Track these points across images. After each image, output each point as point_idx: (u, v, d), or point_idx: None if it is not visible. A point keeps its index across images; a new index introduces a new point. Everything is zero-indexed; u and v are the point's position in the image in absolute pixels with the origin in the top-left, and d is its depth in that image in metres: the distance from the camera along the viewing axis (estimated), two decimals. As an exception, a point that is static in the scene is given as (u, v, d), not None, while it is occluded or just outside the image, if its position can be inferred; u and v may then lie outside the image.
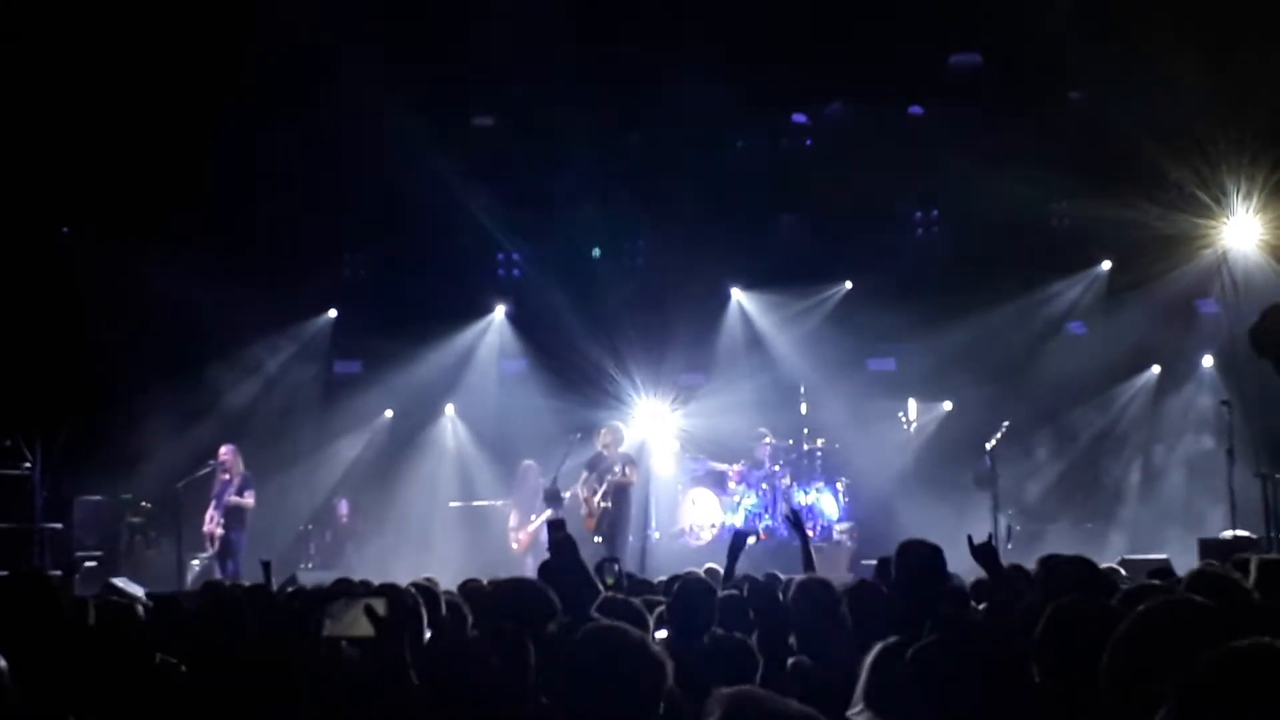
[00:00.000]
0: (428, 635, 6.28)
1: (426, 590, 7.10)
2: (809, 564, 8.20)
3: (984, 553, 6.66)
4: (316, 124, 18.42)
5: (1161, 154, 16.88)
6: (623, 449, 17.02)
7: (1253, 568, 6.13)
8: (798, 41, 17.70)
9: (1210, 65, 15.96)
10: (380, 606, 5.20)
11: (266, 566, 8.72)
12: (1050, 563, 6.06)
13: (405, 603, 5.85)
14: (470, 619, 6.53)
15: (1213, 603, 3.30)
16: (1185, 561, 11.19)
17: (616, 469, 16.57)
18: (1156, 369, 19.74)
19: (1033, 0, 15.86)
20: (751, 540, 9.01)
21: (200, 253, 18.08)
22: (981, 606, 6.49)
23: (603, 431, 17.01)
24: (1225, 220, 17.41)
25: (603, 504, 16.46)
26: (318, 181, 19.11)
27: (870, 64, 18.15)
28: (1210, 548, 12.64)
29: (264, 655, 5.34)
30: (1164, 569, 9.43)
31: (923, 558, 6.51)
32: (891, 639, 4.63)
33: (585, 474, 16.80)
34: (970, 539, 6.76)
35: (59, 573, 13.90)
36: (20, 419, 14.97)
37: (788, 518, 7.46)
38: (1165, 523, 17.40)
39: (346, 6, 16.46)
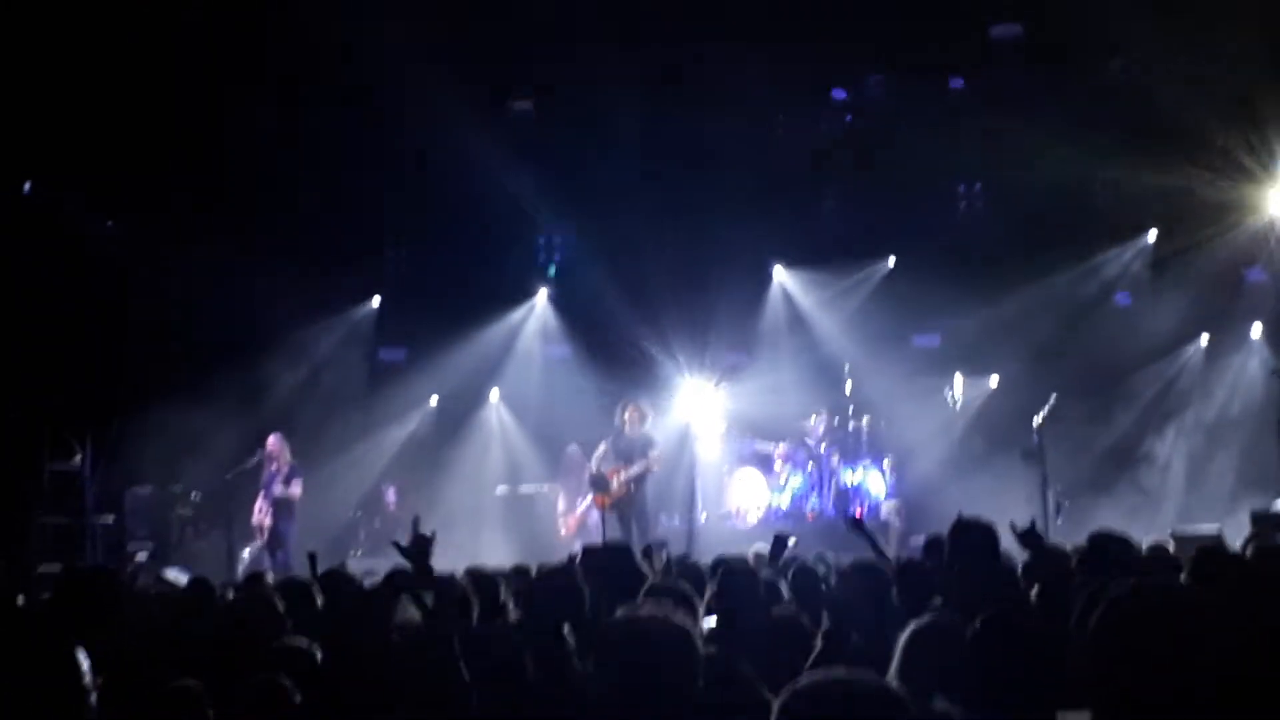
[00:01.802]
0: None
1: (478, 577, 7.10)
2: (879, 556, 8.13)
3: (1028, 538, 6.63)
4: (357, 111, 18.46)
5: (1208, 120, 16.67)
6: (647, 428, 16.78)
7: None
8: (836, 17, 17.58)
9: (1256, 28, 15.77)
10: (428, 598, 5.22)
11: (313, 559, 8.74)
12: (1096, 541, 6.00)
13: (454, 593, 5.87)
14: (513, 607, 6.55)
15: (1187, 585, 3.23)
16: (1238, 533, 11.09)
17: (652, 454, 16.36)
18: (1205, 338, 19.54)
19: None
20: (793, 541, 8.96)
21: (243, 242, 18.16)
22: (1034, 590, 6.42)
23: (629, 409, 16.79)
24: (1274, 186, 17.22)
25: (624, 489, 16.28)
26: (359, 169, 19.18)
27: (910, 37, 18.01)
28: (1262, 519, 12.53)
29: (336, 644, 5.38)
30: (1214, 541, 9.35)
31: (977, 538, 6.47)
32: (925, 618, 4.58)
33: (603, 448, 16.64)
34: (1013, 525, 6.71)
35: (109, 566, 14.00)
36: (70, 414, 15.08)
37: (848, 521, 7.43)
38: (1217, 493, 17.26)
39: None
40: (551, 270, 21.52)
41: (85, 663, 3.94)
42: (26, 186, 17.48)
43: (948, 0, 17.41)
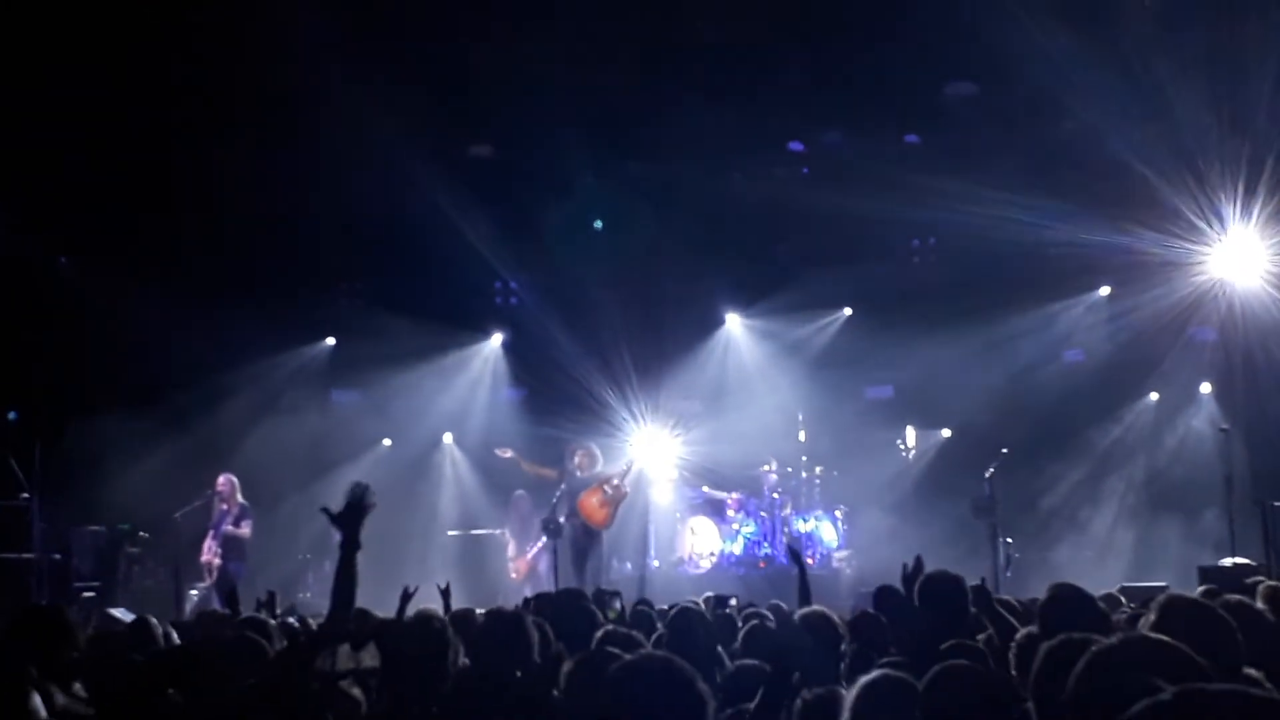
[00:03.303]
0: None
1: (429, 623, 7.07)
2: (805, 596, 8.18)
3: (976, 594, 6.75)
4: (314, 152, 18.44)
5: (1157, 180, 16.92)
6: (597, 470, 16.86)
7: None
8: (794, 71, 17.74)
9: (1205, 90, 16.04)
10: (370, 655, 5.21)
11: (271, 597, 8.71)
12: (1056, 593, 6.07)
13: (405, 639, 5.86)
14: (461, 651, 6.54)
15: (1169, 640, 3.28)
16: (1185, 589, 11.18)
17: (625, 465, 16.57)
18: (1155, 396, 19.76)
19: (1026, 29, 15.90)
20: (734, 602, 9.03)
21: (197, 282, 18.13)
22: (980, 638, 6.50)
23: (578, 453, 16.87)
24: (1222, 246, 17.46)
25: (619, 493, 16.43)
26: (315, 211, 19.14)
27: (866, 93, 18.20)
28: (1210, 575, 12.62)
29: (270, 693, 5.32)
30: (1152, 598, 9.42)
31: (948, 589, 6.56)
32: (875, 673, 4.61)
33: (557, 494, 16.68)
34: (962, 581, 6.82)
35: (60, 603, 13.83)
36: (17, 451, 14.93)
37: (789, 550, 7.49)
38: (1166, 549, 17.40)
39: (345, 36, 16.48)
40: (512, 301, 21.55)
41: (37, 701, 3.92)
42: None
43: (904, 57, 17.59)
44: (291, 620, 9.10)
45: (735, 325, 20.78)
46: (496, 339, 21.35)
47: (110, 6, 15.67)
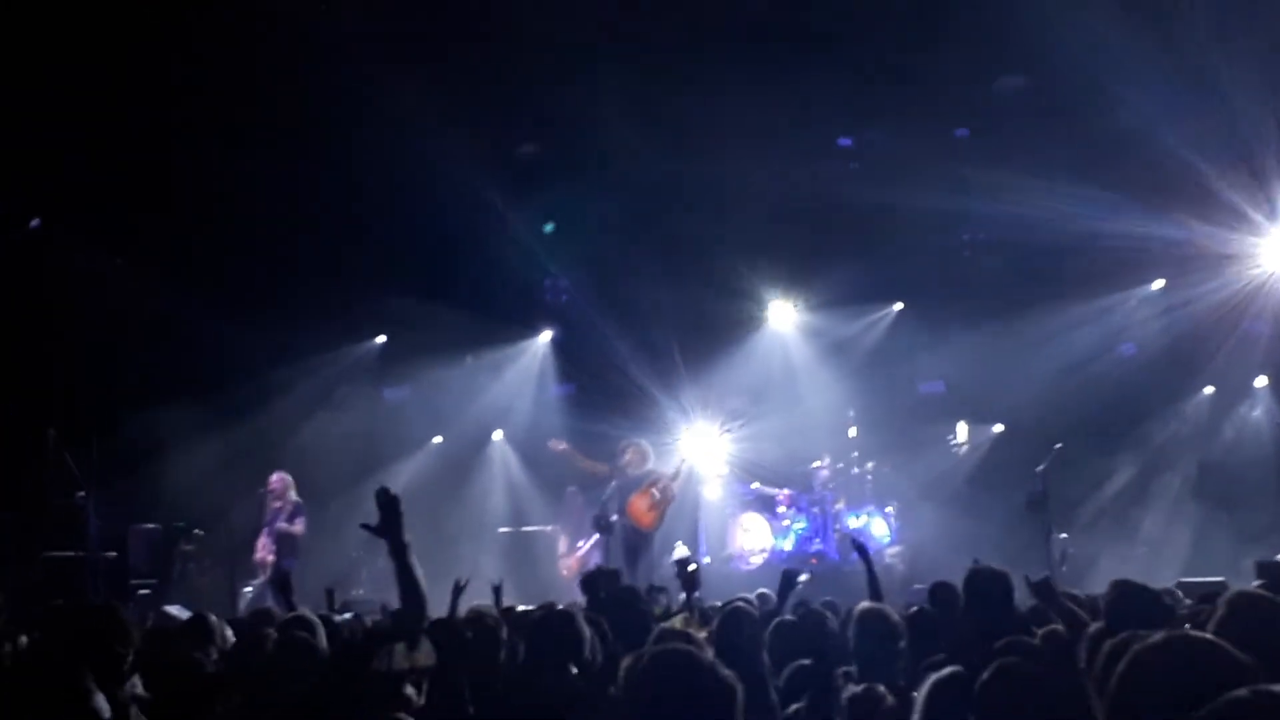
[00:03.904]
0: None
1: (481, 620, 7.11)
2: (874, 591, 8.17)
3: (1041, 590, 6.69)
4: (364, 154, 18.52)
5: (1211, 172, 16.77)
6: (649, 468, 16.82)
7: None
8: (842, 66, 17.67)
9: (1260, 81, 15.87)
10: (426, 654, 5.22)
11: (330, 594, 8.79)
12: (1120, 589, 6.00)
13: (460, 637, 5.88)
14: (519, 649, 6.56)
15: (1217, 641, 3.21)
16: (1243, 583, 11.07)
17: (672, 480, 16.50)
18: (1210, 389, 19.57)
19: (1076, 20, 15.79)
20: (803, 578, 9.02)
21: (250, 282, 18.26)
22: (1040, 633, 6.46)
23: (629, 449, 16.85)
24: (1276, 239, 17.30)
25: (668, 496, 16.41)
26: (365, 210, 19.25)
27: (915, 87, 18.10)
28: (1267, 570, 12.50)
29: (335, 688, 5.34)
30: (1218, 592, 9.33)
31: (993, 586, 6.53)
32: (945, 671, 4.60)
33: (609, 490, 16.70)
34: (1027, 579, 6.78)
35: (114, 601, 13.96)
36: (75, 450, 15.07)
37: (854, 543, 7.48)
38: (1223, 544, 17.23)
39: (392, 35, 16.55)
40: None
41: (101, 701, 3.95)
42: (34, 223, 17.59)
43: (953, 51, 17.49)
44: (347, 617, 9.15)
45: (786, 321, 20.71)
46: (546, 335, 21.39)
47: (155, 13, 15.82)
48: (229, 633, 8.48)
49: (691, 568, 8.70)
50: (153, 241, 18.12)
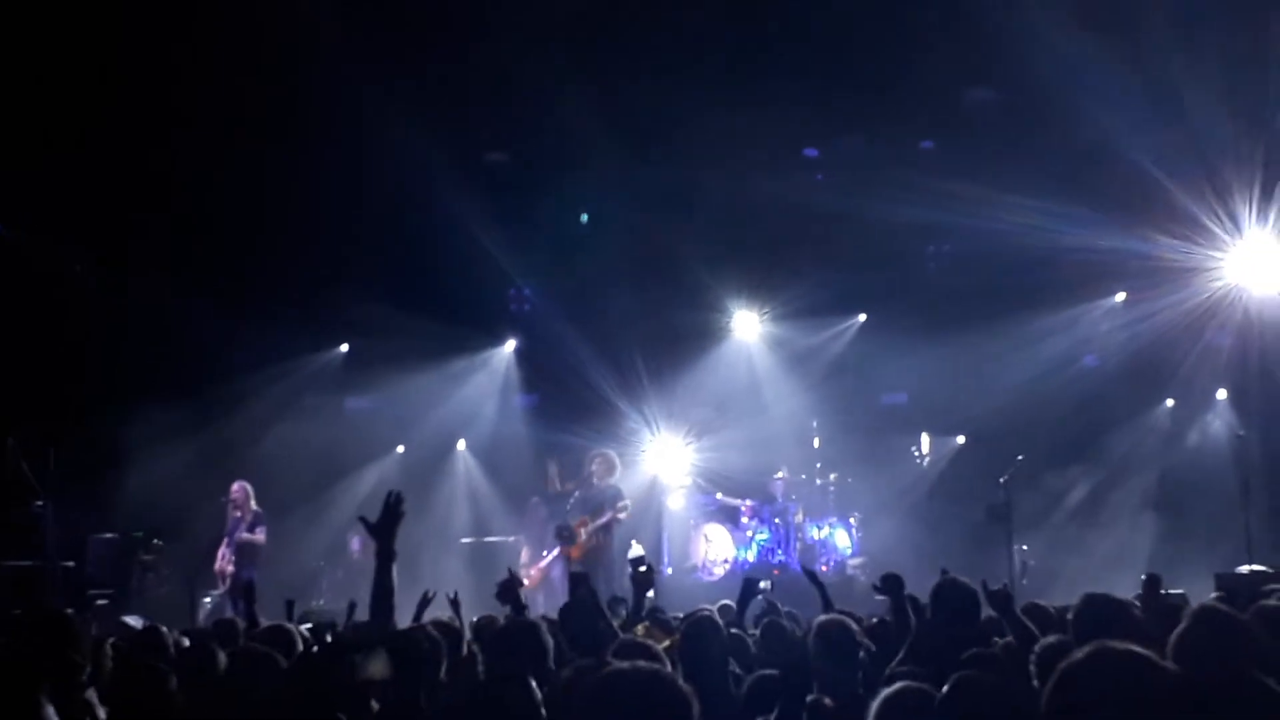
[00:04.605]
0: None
1: (446, 630, 7.07)
2: (828, 606, 8.16)
3: (997, 599, 6.70)
4: (329, 159, 18.45)
5: (1173, 185, 16.88)
6: (615, 479, 16.77)
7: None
8: (810, 76, 17.71)
9: (1221, 96, 15.98)
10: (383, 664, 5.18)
11: (290, 605, 8.74)
12: (1089, 601, 5.98)
13: (420, 647, 5.83)
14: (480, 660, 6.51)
15: (1142, 652, 3.20)
16: (1202, 595, 11.11)
17: (620, 505, 16.34)
18: (1171, 401, 19.68)
19: (1042, 35, 15.87)
20: (765, 585, 9.02)
21: (211, 287, 18.12)
22: (1000, 643, 6.46)
23: (596, 459, 16.79)
24: (1237, 251, 17.41)
25: (592, 539, 16.26)
26: (329, 217, 19.15)
27: (882, 98, 18.16)
28: (1226, 582, 12.55)
29: (299, 702, 5.29)
30: (1179, 604, 9.34)
31: (962, 598, 6.53)
32: (896, 686, 4.58)
33: (571, 501, 16.64)
34: (984, 585, 6.78)
35: (70, 611, 13.81)
36: (30, 458, 14.91)
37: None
38: (1182, 556, 17.30)
39: (361, 42, 16.49)
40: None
41: (50, 711, 3.89)
42: None
43: (919, 64, 17.55)
44: (305, 629, 9.08)
45: (750, 331, 20.72)
46: (509, 345, 21.34)
47: (125, 14, 15.72)
48: (184, 643, 8.42)
49: (643, 568, 8.62)
50: (113, 246, 17.99)
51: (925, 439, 20.21)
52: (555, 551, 17.19)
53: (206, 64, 16.62)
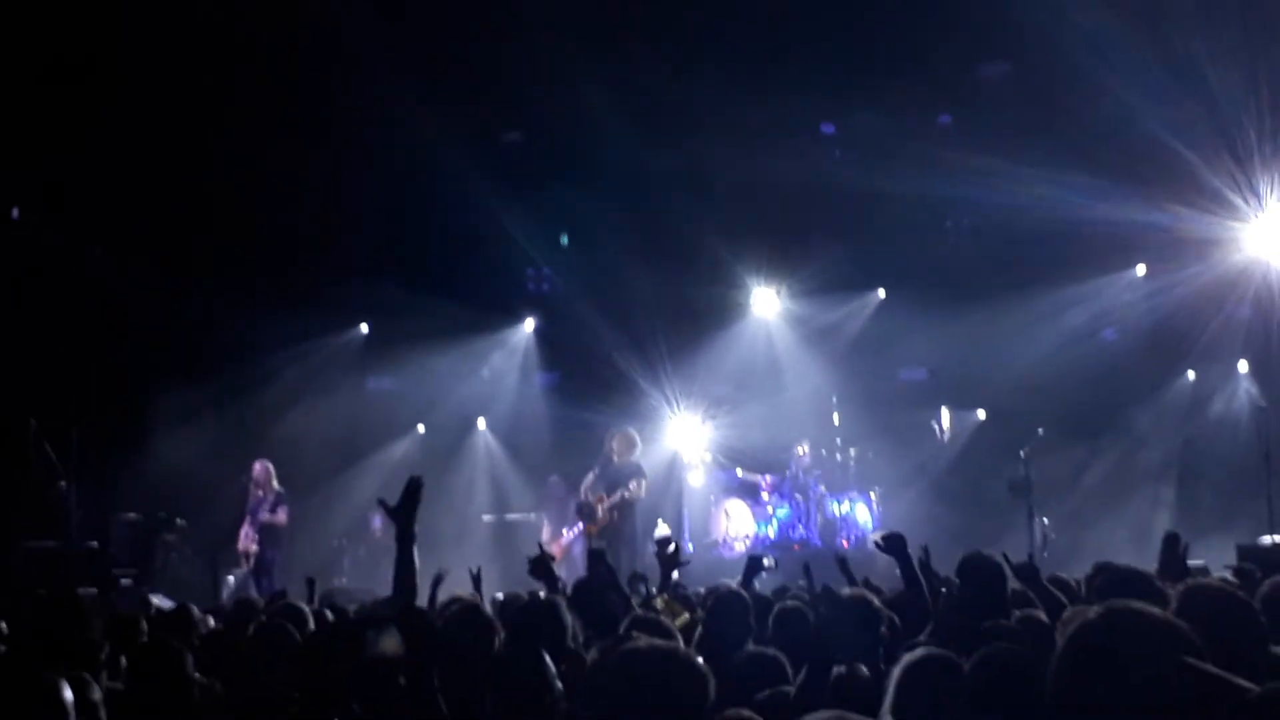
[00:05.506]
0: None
1: (465, 606, 7.08)
2: (851, 583, 8.14)
3: (1023, 572, 6.70)
4: (349, 142, 18.49)
5: (1194, 157, 16.79)
6: (635, 457, 16.81)
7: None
8: (826, 52, 17.66)
9: (1242, 67, 15.89)
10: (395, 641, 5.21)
11: (311, 584, 8.79)
12: (1104, 573, 5.99)
13: (431, 626, 5.84)
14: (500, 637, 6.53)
15: (1156, 612, 3.16)
16: (1224, 569, 11.09)
17: (632, 485, 16.37)
18: (1192, 374, 19.60)
19: (1059, 7, 15.80)
20: (769, 563, 9.05)
21: (232, 270, 18.19)
22: (1018, 615, 6.46)
23: (616, 437, 16.82)
24: (1258, 223, 17.32)
25: (608, 516, 16.30)
26: (349, 198, 19.18)
27: (899, 73, 18.10)
28: (1248, 554, 12.52)
29: (313, 676, 5.32)
30: (1200, 576, 9.33)
31: (989, 572, 6.53)
32: (919, 652, 4.58)
33: (591, 477, 16.68)
34: (1005, 557, 6.78)
35: (94, 590, 13.91)
36: (55, 439, 14.98)
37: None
38: (1204, 529, 17.26)
39: (379, 25, 16.51)
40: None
41: (68, 694, 3.91)
42: (15, 213, 17.52)
43: (937, 37, 17.49)
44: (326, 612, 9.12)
45: (769, 308, 20.70)
46: (529, 324, 21.36)
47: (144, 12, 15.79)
48: (211, 623, 8.48)
49: (671, 548, 8.68)
50: (134, 229, 18.04)
51: (946, 413, 20.16)
52: (578, 528, 17.22)
53: (229, 53, 16.69)
